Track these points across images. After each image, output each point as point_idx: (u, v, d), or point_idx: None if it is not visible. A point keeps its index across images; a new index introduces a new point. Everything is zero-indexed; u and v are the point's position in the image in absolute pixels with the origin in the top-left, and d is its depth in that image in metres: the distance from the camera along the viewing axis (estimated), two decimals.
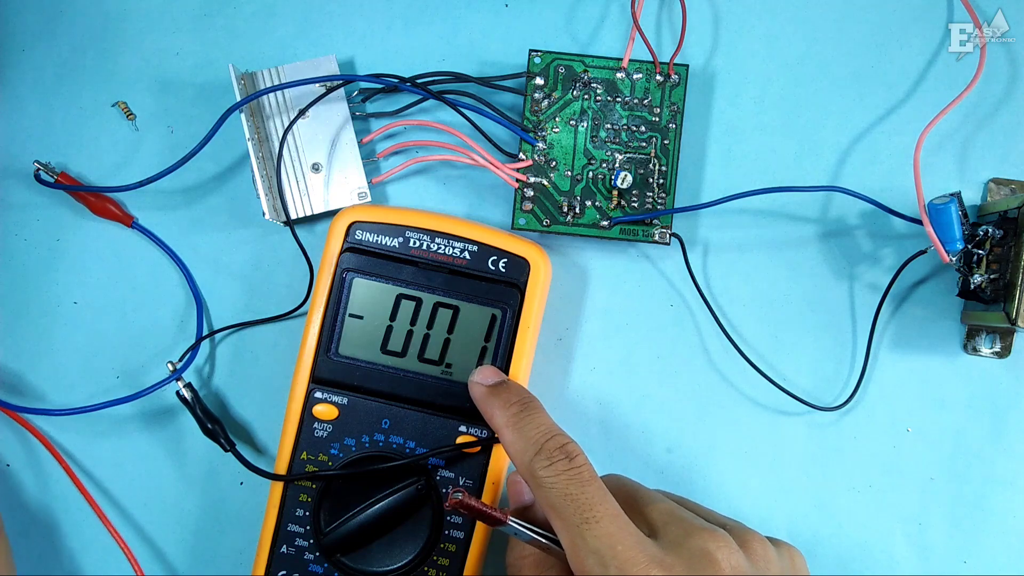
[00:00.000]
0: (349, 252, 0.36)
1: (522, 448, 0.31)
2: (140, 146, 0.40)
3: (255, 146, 0.37)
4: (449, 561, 0.36)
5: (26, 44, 0.40)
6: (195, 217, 0.40)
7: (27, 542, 0.40)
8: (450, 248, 0.36)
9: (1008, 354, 0.39)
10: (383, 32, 0.40)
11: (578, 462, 0.30)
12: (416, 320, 0.36)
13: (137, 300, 0.40)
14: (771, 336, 0.40)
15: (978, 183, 0.40)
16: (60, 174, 0.39)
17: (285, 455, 0.36)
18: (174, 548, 0.40)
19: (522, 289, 0.36)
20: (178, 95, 0.40)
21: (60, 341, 0.40)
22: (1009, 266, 0.36)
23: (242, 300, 0.40)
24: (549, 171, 0.38)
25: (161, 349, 0.40)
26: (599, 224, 0.38)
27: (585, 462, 0.31)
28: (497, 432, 0.33)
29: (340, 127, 0.39)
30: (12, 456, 0.40)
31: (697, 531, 0.30)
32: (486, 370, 0.35)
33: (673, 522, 0.31)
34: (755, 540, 0.31)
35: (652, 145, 0.38)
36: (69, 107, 0.40)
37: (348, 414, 0.36)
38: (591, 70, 0.38)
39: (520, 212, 0.38)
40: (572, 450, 0.31)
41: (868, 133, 0.40)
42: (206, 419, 0.37)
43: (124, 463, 0.40)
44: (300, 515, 0.36)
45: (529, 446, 0.31)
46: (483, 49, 0.40)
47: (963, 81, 0.39)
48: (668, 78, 0.38)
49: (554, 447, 0.31)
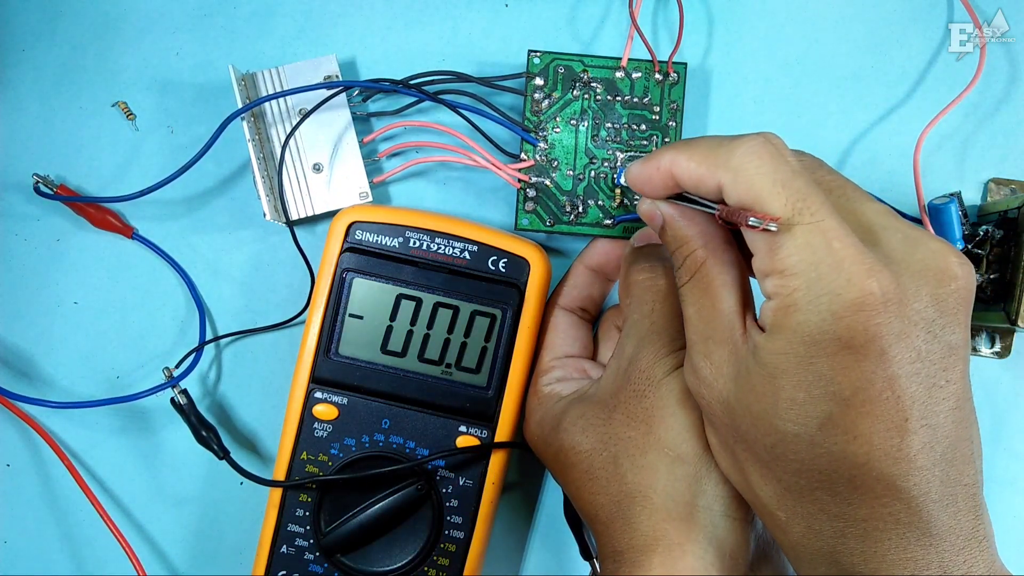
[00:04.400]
0: (349, 252, 0.36)
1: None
2: (140, 147, 0.40)
3: (256, 147, 0.37)
4: (449, 561, 0.36)
5: (26, 44, 0.40)
6: (196, 218, 0.40)
7: (27, 541, 0.39)
8: (450, 248, 0.36)
9: (1008, 354, 0.39)
10: (383, 32, 0.40)
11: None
12: (416, 320, 0.36)
13: (137, 302, 0.40)
14: None
15: (978, 183, 0.40)
16: (59, 186, 0.39)
17: (285, 455, 0.36)
18: (175, 547, 0.40)
19: (522, 289, 0.36)
20: (178, 95, 0.40)
21: (60, 341, 0.40)
22: (1009, 266, 0.36)
23: (242, 301, 0.40)
24: (551, 171, 0.38)
25: (162, 351, 0.40)
26: (602, 223, 0.38)
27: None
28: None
29: (341, 128, 0.39)
30: (13, 455, 0.40)
31: (927, 240, 0.26)
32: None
33: (893, 227, 0.26)
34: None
35: (653, 144, 0.38)
36: (69, 107, 0.40)
37: (348, 414, 0.36)
38: (590, 70, 0.38)
39: (523, 212, 0.38)
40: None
41: (868, 133, 0.40)
42: (200, 426, 0.37)
43: (125, 462, 0.40)
44: (300, 515, 0.36)
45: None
46: (483, 49, 0.40)
47: (963, 81, 0.39)
48: (667, 77, 0.38)
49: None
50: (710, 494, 0.30)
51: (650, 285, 0.33)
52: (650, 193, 0.30)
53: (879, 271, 0.24)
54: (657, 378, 0.31)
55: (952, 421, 0.25)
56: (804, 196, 0.24)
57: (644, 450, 0.31)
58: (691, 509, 0.29)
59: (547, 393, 0.35)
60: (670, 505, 0.30)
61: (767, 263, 0.25)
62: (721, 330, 0.27)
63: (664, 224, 0.30)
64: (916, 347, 0.24)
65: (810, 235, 0.24)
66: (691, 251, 0.29)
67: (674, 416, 0.30)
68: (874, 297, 0.23)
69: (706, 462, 0.30)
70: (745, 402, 0.26)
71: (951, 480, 0.25)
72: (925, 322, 0.24)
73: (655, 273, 0.33)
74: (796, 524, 0.26)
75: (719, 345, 0.27)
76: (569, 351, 0.37)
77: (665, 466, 0.30)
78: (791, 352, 0.24)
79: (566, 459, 0.33)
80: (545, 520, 0.41)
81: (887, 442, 0.24)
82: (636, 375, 0.32)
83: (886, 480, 0.24)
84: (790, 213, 0.24)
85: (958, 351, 0.25)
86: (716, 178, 0.26)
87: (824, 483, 0.25)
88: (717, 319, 0.27)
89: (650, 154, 0.29)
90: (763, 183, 0.25)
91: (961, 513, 0.25)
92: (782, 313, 0.25)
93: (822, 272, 0.24)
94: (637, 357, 0.32)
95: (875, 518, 0.25)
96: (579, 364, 0.36)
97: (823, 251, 0.24)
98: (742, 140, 0.26)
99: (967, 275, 0.25)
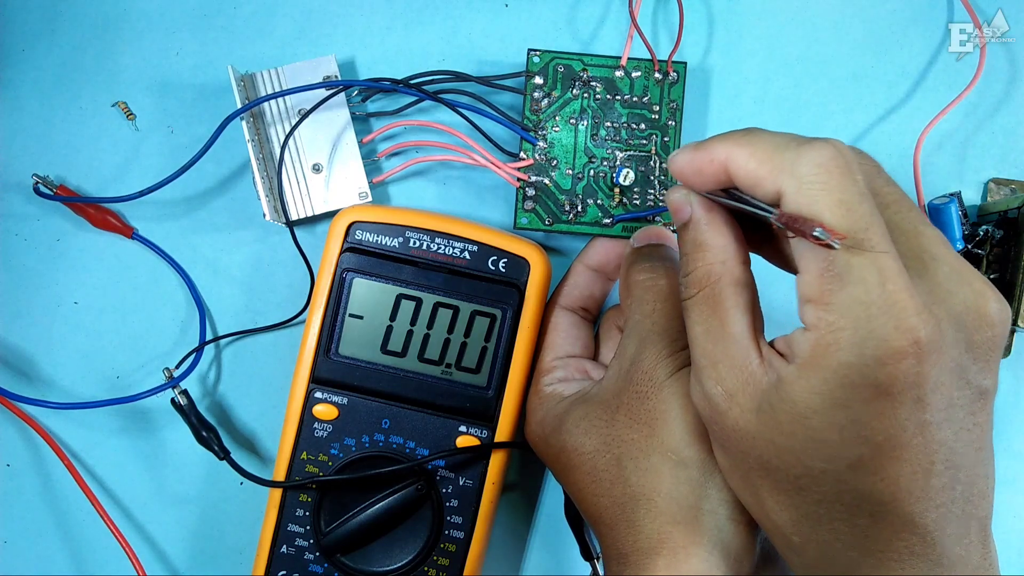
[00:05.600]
0: (349, 252, 0.36)
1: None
2: (140, 147, 0.40)
3: (255, 147, 0.37)
4: (449, 561, 0.36)
5: (26, 44, 0.40)
6: (196, 219, 0.40)
7: (27, 541, 0.39)
8: (450, 248, 0.36)
9: (1008, 354, 0.39)
10: (383, 32, 0.40)
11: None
12: (416, 320, 0.36)
13: (137, 302, 0.40)
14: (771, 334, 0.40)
15: (978, 183, 0.40)
16: (59, 187, 0.39)
17: (285, 455, 0.36)
18: (175, 547, 0.40)
19: (522, 289, 0.36)
20: (178, 95, 0.40)
21: (60, 340, 0.40)
22: (1009, 266, 0.36)
23: (243, 301, 0.40)
24: (550, 170, 0.38)
25: (163, 351, 0.40)
26: (601, 222, 0.38)
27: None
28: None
29: (340, 128, 0.39)
30: (13, 455, 0.40)
31: (971, 278, 0.25)
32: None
33: (941, 258, 0.25)
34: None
35: (652, 143, 0.38)
36: (69, 107, 0.40)
37: (348, 414, 0.36)
38: (590, 69, 0.38)
39: (522, 212, 0.38)
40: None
41: (868, 133, 0.40)
42: (200, 427, 0.37)
43: (125, 462, 0.40)
44: (300, 515, 0.36)
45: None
46: (483, 49, 0.40)
47: (963, 81, 0.39)
48: (666, 76, 0.38)
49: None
50: (714, 498, 0.29)
51: (651, 285, 0.33)
52: (696, 184, 0.28)
53: (926, 319, 0.23)
54: (660, 379, 0.31)
55: (974, 461, 0.25)
56: (868, 225, 0.23)
57: (647, 452, 0.30)
58: (695, 512, 0.29)
59: (549, 393, 0.35)
60: (674, 508, 0.29)
61: (814, 288, 0.24)
62: (734, 355, 0.26)
63: (689, 223, 0.28)
64: (950, 394, 0.24)
65: (866, 270, 0.23)
66: (707, 263, 0.27)
67: (677, 419, 0.30)
68: (919, 346, 0.23)
69: (710, 466, 0.30)
70: (768, 436, 0.25)
71: (967, 515, 0.25)
72: (960, 369, 0.24)
73: (656, 273, 0.33)
74: (810, 549, 0.26)
75: (732, 371, 0.26)
76: (570, 351, 0.36)
77: (669, 469, 0.30)
78: (826, 393, 0.24)
79: (568, 460, 0.32)
80: (545, 520, 0.41)
81: (912, 483, 0.24)
82: (638, 376, 0.31)
83: (906, 516, 0.24)
84: (851, 241, 0.23)
85: (988, 395, 0.25)
86: (777, 183, 0.24)
87: (844, 515, 0.25)
88: (729, 343, 0.26)
89: (702, 142, 0.27)
90: (828, 200, 0.23)
91: (972, 545, 0.25)
92: (822, 350, 0.23)
93: (872, 314, 0.23)
94: (639, 358, 0.32)
95: (891, 550, 0.25)
96: (580, 364, 0.36)
97: (876, 291, 0.23)
98: (811, 146, 0.24)
99: (1004, 321, 0.25)
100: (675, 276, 0.32)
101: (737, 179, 0.26)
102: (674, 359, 0.31)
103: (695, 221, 0.28)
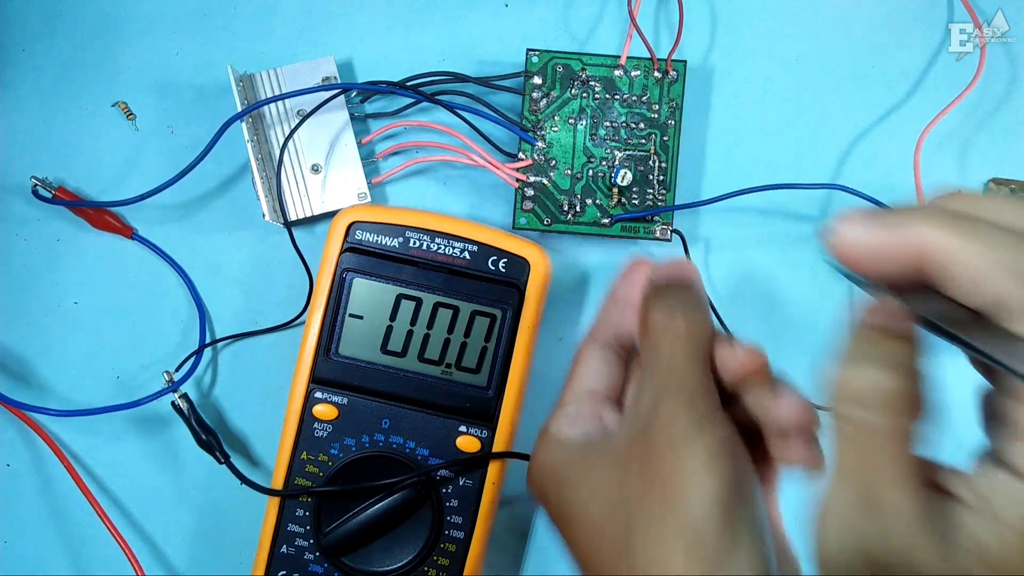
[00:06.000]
0: (349, 252, 0.36)
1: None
2: (140, 147, 0.40)
3: (255, 148, 0.37)
4: (449, 561, 0.36)
5: (26, 44, 0.40)
6: (195, 220, 0.40)
7: (27, 541, 0.39)
8: (450, 248, 0.36)
9: None
10: (383, 32, 0.40)
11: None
12: (416, 320, 0.36)
13: (137, 303, 0.40)
14: (772, 333, 0.40)
15: (978, 183, 0.40)
16: (58, 189, 0.38)
17: (285, 455, 0.36)
18: (174, 548, 0.40)
19: (522, 289, 0.36)
20: (178, 95, 0.40)
21: (60, 341, 0.40)
22: None
23: (242, 301, 0.40)
24: (549, 170, 0.38)
25: (162, 353, 0.40)
26: (600, 222, 0.38)
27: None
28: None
29: (339, 128, 0.39)
30: (13, 455, 0.40)
31: None
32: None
33: None
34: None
35: (651, 142, 0.38)
36: (69, 107, 0.40)
37: (348, 414, 0.36)
38: (589, 68, 0.38)
39: (521, 212, 0.38)
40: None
41: (868, 133, 0.40)
42: (201, 431, 0.37)
43: (125, 463, 0.40)
44: (300, 515, 0.36)
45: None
46: (482, 49, 0.40)
47: (963, 81, 0.39)
48: (666, 75, 0.38)
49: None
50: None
51: (666, 326, 0.29)
52: (868, 268, 0.22)
53: None
54: (677, 439, 0.27)
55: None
56: None
57: (661, 519, 0.27)
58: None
59: (553, 433, 0.32)
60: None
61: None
62: (890, 507, 0.22)
63: (867, 335, 0.23)
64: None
65: None
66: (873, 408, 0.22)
67: (694, 486, 0.26)
68: None
69: (729, 540, 0.26)
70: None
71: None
72: None
73: (672, 314, 0.29)
74: None
75: (889, 514, 0.22)
76: (592, 386, 0.32)
77: (683, 547, 0.26)
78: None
79: (567, 519, 0.30)
80: (545, 520, 0.40)
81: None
82: (654, 432, 0.28)
83: None
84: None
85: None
86: (1017, 296, 0.19)
87: None
88: (888, 507, 0.22)
89: (888, 212, 0.21)
90: None
91: None
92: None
93: None
94: (656, 412, 0.28)
95: None
96: (597, 406, 0.32)
97: None
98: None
99: None
100: (697, 316, 0.29)
101: (944, 273, 0.20)
102: (695, 419, 0.28)
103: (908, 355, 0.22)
